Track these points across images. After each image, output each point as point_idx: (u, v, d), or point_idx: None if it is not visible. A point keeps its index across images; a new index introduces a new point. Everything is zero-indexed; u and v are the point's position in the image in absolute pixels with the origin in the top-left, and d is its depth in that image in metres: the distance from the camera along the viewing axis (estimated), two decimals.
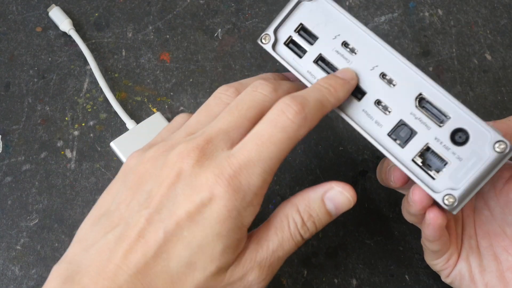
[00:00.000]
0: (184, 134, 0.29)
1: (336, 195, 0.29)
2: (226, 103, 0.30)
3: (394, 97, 0.30)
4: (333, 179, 0.38)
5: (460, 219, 0.34)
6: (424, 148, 0.29)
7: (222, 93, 0.31)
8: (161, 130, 0.32)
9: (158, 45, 0.47)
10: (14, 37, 0.47)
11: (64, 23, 0.47)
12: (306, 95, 0.28)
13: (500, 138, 0.28)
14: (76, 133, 0.43)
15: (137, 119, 0.44)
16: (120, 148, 0.41)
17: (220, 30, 0.48)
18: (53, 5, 0.47)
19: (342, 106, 0.31)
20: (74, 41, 0.46)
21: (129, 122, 0.42)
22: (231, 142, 0.28)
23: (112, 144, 0.41)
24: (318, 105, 0.28)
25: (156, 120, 0.42)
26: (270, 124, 0.27)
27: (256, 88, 0.29)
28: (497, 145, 0.28)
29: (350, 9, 0.50)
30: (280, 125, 0.27)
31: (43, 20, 0.48)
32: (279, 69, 0.46)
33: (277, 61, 0.47)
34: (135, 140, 0.41)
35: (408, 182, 0.32)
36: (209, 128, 0.28)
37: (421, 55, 0.48)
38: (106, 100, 0.44)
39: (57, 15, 0.47)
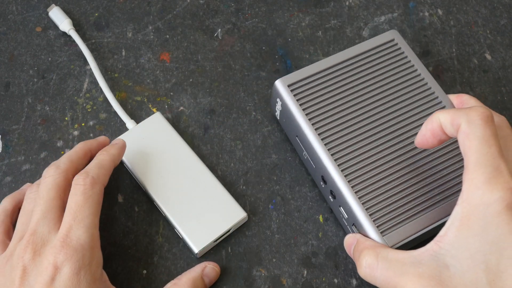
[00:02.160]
0: (17, 240, 0.34)
1: (210, 271, 0.37)
2: (35, 198, 0.35)
3: None
4: None
5: None
6: None
7: (29, 193, 0.36)
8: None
9: (158, 45, 0.47)
10: (14, 37, 0.47)
11: (64, 23, 0.47)
12: (88, 166, 0.36)
13: None
14: (76, 133, 0.43)
15: (137, 119, 0.44)
16: None
17: (220, 30, 0.48)
18: (53, 5, 0.47)
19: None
20: (74, 41, 0.46)
21: (129, 122, 0.42)
22: (53, 223, 0.33)
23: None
24: (98, 165, 0.36)
25: (156, 120, 0.42)
26: (71, 196, 0.34)
27: (44, 175, 0.35)
28: None
29: (350, 9, 0.50)
30: (78, 192, 0.34)
31: (43, 20, 0.48)
32: (278, 69, 0.46)
33: (276, 62, 0.47)
34: (135, 140, 0.41)
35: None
36: (30, 224, 0.33)
37: (421, 55, 0.48)
38: (106, 100, 0.44)
39: (57, 15, 0.47)
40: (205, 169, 0.40)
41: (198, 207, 0.39)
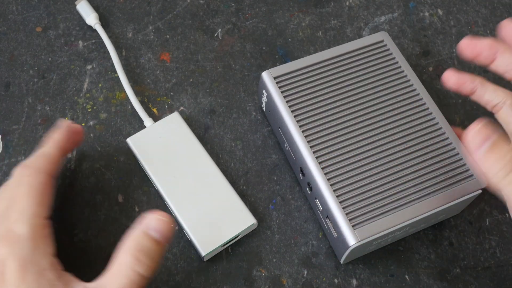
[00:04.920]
0: None
1: (155, 223, 0.32)
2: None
3: None
4: None
5: None
6: None
7: None
8: None
9: (158, 45, 0.47)
10: (14, 37, 0.47)
11: (90, 16, 0.47)
12: (31, 157, 0.35)
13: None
14: None
15: (138, 119, 0.44)
16: (136, 145, 0.41)
17: (220, 30, 0.48)
18: None
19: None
20: (73, 40, 0.46)
21: (146, 120, 0.42)
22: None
23: (128, 140, 0.41)
24: (40, 154, 0.35)
25: (173, 120, 0.42)
26: (14, 188, 0.33)
27: (11, 174, 0.35)
28: None
29: (350, 9, 0.50)
30: (19, 183, 0.33)
31: (43, 20, 0.48)
32: None
33: (276, 62, 0.47)
34: (151, 138, 0.41)
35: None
36: None
37: (421, 55, 0.48)
38: (106, 100, 0.44)
39: (84, 8, 0.47)
40: (218, 172, 0.40)
41: (209, 210, 0.39)
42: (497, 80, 0.39)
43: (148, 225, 0.32)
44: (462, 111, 0.45)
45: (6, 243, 0.31)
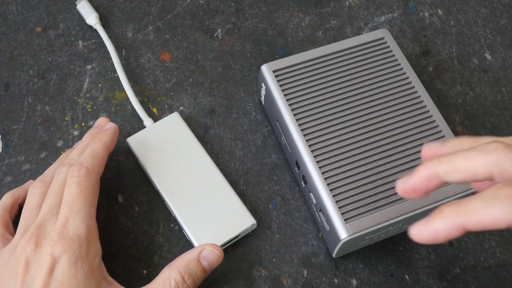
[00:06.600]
0: (21, 234, 0.34)
1: (209, 254, 0.35)
2: (39, 193, 0.36)
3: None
4: None
5: None
6: None
7: (32, 189, 0.36)
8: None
9: (158, 45, 0.47)
10: (14, 37, 0.47)
11: (91, 16, 0.47)
12: (82, 156, 0.36)
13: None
14: (76, 133, 0.43)
15: (137, 119, 0.44)
16: (136, 145, 0.41)
17: (220, 30, 0.48)
18: None
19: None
20: (73, 40, 0.46)
21: (146, 120, 0.43)
22: (57, 217, 0.34)
23: (128, 140, 0.41)
24: (92, 155, 0.36)
25: (173, 120, 0.42)
26: (67, 188, 0.34)
27: (58, 173, 0.36)
28: None
29: (350, 9, 0.50)
30: (73, 183, 0.34)
31: (43, 20, 0.48)
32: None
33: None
34: (151, 138, 0.41)
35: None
36: (37, 217, 0.34)
37: (421, 55, 0.48)
38: (106, 100, 0.44)
39: (84, 8, 0.47)
40: (218, 172, 0.40)
41: (208, 210, 0.39)
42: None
43: (203, 253, 0.35)
44: (462, 111, 0.45)
45: (62, 241, 0.32)
